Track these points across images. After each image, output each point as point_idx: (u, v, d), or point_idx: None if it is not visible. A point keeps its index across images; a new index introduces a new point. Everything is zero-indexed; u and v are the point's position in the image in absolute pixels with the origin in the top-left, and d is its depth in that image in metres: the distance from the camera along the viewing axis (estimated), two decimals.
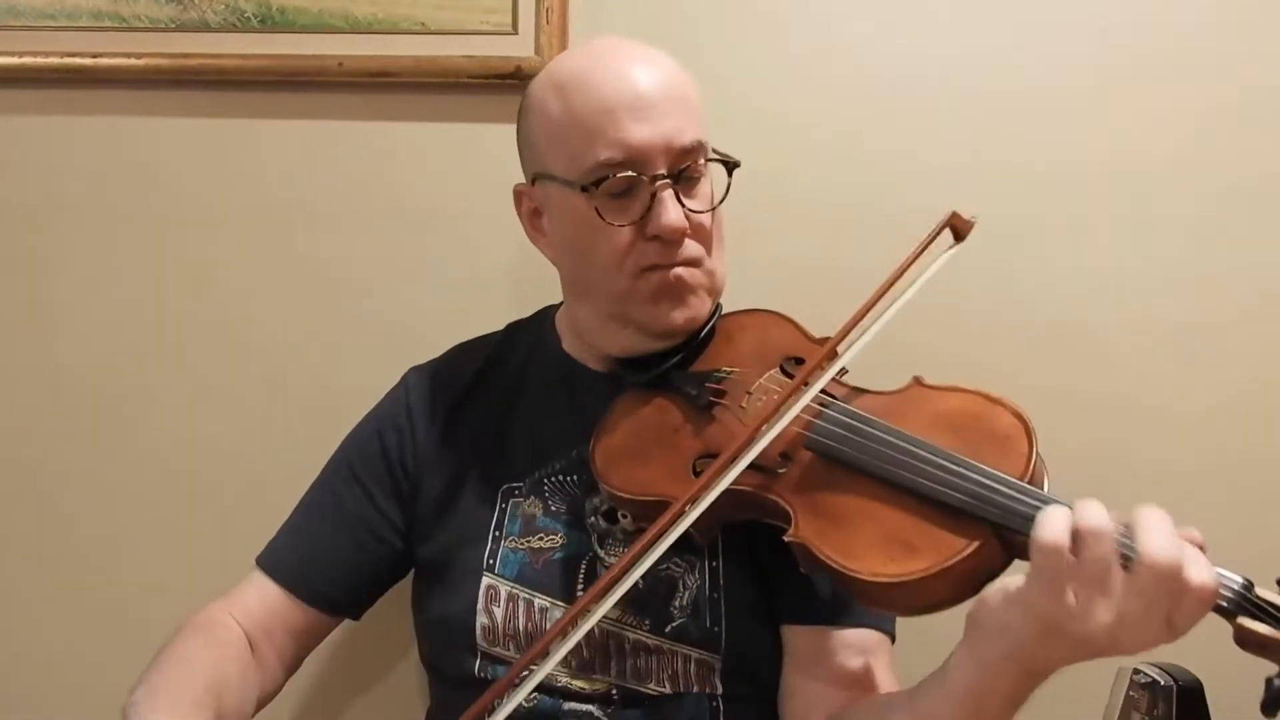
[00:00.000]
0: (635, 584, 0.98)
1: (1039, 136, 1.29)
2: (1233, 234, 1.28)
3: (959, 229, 0.97)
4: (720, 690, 0.99)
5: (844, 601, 0.98)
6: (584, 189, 0.98)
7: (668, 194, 0.98)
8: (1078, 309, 1.29)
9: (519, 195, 1.09)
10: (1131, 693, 1.03)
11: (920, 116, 1.30)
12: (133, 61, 1.34)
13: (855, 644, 0.99)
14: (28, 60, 1.35)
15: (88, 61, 1.35)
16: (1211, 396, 1.28)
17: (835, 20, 1.30)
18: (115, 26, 1.35)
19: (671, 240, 0.98)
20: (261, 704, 1.04)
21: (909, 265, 0.95)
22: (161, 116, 1.37)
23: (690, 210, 0.99)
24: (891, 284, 0.94)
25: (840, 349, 0.94)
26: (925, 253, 0.96)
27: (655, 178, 0.98)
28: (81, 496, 1.40)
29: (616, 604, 0.97)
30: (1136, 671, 1.03)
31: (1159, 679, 1.00)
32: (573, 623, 0.86)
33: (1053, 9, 1.28)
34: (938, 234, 0.97)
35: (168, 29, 1.34)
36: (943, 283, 1.19)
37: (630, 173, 0.97)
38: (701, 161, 1.01)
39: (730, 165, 1.03)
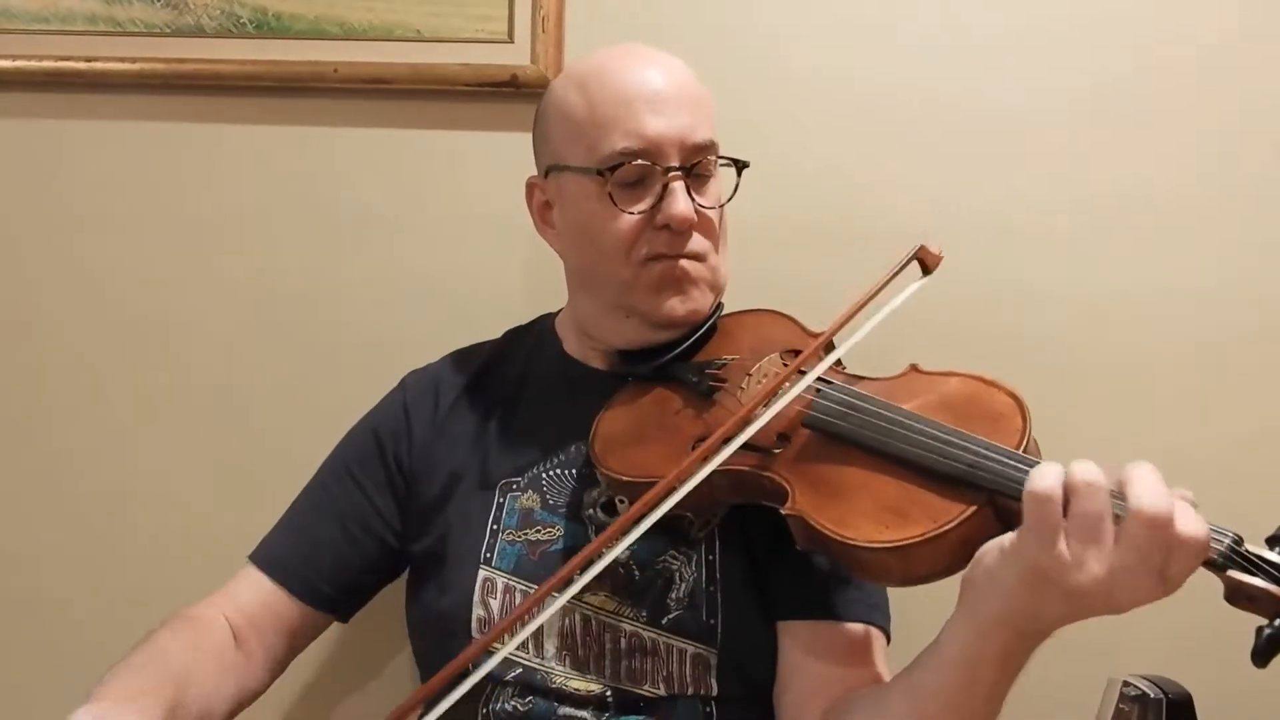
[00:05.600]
0: (632, 573, 0.98)
1: (1029, 155, 1.30)
2: (1236, 247, 1.29)
3: (926, 262, 0.98)
4: (715, 691, 0.99)
5: (839, 596, 0.99)
6: (599, 173, 1.01)
7: (679, 184, 1.00)
8: (1069, 323, 1.30)
9: (531, 187, 1.12)
10: (1121, 705, 1.03)
11: (913, 124, 1.31)
12: (127, 66, 1.34)
13: (851, 638, 1.00)
14: (21, 64, 1.35)
15: (82, 66, 1.34)
16: (1208, 397, 1.29)
17: (828, 43, 1.31)
18: (110, 31, 1.35)
19: (679, 230, 1.01)
20: (243, 702, 1.03)
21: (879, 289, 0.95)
22: (156, 121, 1.37)
23: (699, 205, 1.02)
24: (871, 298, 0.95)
25: (837, 340, 0.96)
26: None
27: (668, 169, 1.01)
28: (77, 499, 1.39)
29: (613, 595, 0.98)
30: (1126, 684, 1.03)
31: (1149, 692, 1.00)
32: (561, 586, 0.86)
33: (1042, 28, 1.29)
34: (905, 265, 0.97)
35: (163, 34, 1.34)
36: (939, 291, 1.20)
37: (645, 162, 1.00)
38: (712, 160, 1.04)
39: (740, 166, 1.06)
